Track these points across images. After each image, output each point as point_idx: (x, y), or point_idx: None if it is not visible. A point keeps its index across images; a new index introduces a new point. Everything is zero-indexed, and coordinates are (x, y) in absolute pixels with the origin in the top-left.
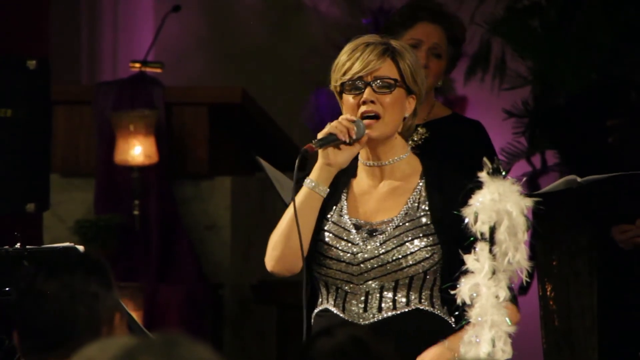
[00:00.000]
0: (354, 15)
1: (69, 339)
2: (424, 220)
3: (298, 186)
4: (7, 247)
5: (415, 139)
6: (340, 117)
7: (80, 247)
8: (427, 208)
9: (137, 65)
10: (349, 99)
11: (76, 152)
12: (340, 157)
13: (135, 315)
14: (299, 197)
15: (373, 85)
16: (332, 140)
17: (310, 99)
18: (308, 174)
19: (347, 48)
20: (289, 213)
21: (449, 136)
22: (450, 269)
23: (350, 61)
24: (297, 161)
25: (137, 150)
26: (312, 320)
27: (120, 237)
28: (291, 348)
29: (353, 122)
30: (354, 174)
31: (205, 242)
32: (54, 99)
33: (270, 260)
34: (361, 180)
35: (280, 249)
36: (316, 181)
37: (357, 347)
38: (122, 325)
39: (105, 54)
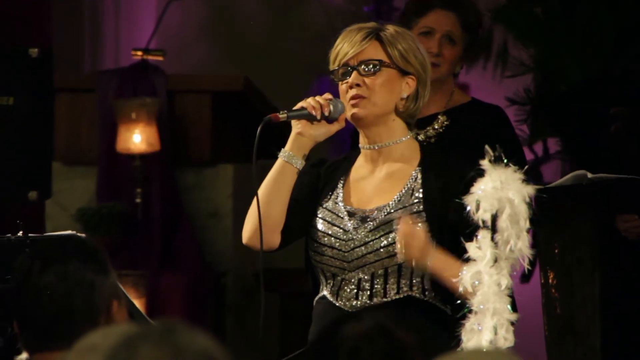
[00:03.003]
0: (356, 3)
1: (68, 329)
2: (416, 208)
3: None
4: (9, 235)
5: (437, 127)
6: (321, 95)
7: (83, 236)
8: (420, 196)
9: (139, 53)
10: (341, 87)
11: (78, 141)
12: (314, 130)
13: (138, 303)
14: (273, 169)
15: (359, 68)
16: (303, 115)
17: (312, 87)
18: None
19: (340, 36)
20: (263, 185)
21: (470, 123)
22: None
23: (337, 49)
24: (259, 128)
25: (139, 138)
26: (313, 307)
27: (122, 225)
28: (294, 335)
29: (330, 100)
30: (354, 161)
31: (208, 230)
32: (56, 87)
33: (244, 232)
34: (360, 167)
35: (252, 221)
36: (289, 151)
37: (382, 333)
38: (121, 313)
39: (107, 42)
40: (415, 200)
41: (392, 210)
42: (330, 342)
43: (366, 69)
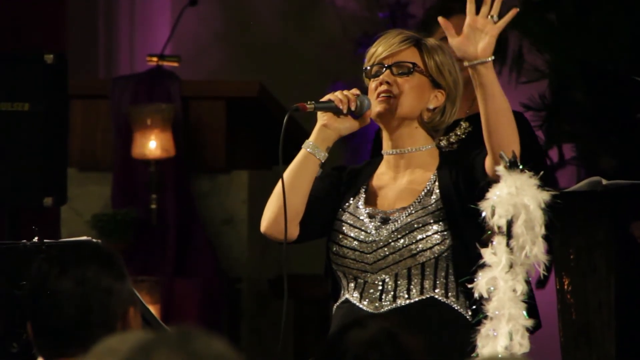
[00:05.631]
0: (370, 9)
1: (85, 334)
2: (434, 206)
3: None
4: (24, 241)
5: (459, 133)
6: (349, 90)
7: (98, 241)
8: (438, 192)
9: (154, 59)
10: (370, 83)
11: (93, 146)
12: (339, 123)
13: (153, 309)
14: (296, 159)
15: (392, 68)
16: (329, 107)
17: (327, 93)
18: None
19: (379, 38)
20: (285, 175)
21: None
22: (462, 254)
23: (374, 47)
24: (286, 117)
25: (154, 144)
26: (333, 312)
27: (137, 231)
28: (309, 342)
29: (357, 96)
30: (376, 168)
31: (223, 236)
32: (71, 93)
33: (263, 220)
34: (382, 173)
35: (272, 209)
36: (313, 142)
37: (389, 339)
38: (137, 319)
39: (122, 48)
40: (434, 200)
41: (413, 212)
42: (336, 350)
43: (399, 70)
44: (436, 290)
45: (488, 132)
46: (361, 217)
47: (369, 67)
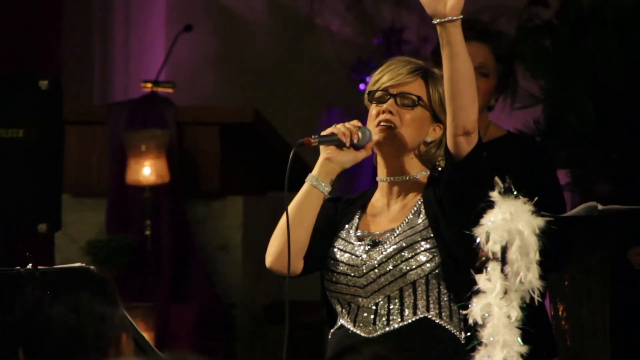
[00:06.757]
0: (365, 35)
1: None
2: (422, 225)
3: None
4: (19, 267)
5: None
6: (350, 122)
7: (91, 268)
8: (424, 210)
9: (149, 85)
10: (372, 109)
11: (88, 172)
12: (342, 156)
13: (147, 335)
14: (300, 193)
15: (397, 98)
16: (332, 140)
17: (321, 118)
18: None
19: (386, 63)
20: (288, 209)
21: (505, 156)
22: (452, 271)
23: (381, 73)
24: (292, 152)
25: (148, 170)
26: (329, 338)
27: (132, 257)
28: None
29: (359, 128)
30: (371, 196)
31: (217, 262)
32: (66, 119)
33: (268, 255)
34: (377, 201)
35: (276, 244)
36: (317, 176)
37: None
38: (130, 345)
39: (117, 74)
40: (421, 220)
41: (401, 232)
42: None
43: (403, 101)
44: (430, 311)
45: (451, 94)
46: (351, 241)
47: (372, 92)
